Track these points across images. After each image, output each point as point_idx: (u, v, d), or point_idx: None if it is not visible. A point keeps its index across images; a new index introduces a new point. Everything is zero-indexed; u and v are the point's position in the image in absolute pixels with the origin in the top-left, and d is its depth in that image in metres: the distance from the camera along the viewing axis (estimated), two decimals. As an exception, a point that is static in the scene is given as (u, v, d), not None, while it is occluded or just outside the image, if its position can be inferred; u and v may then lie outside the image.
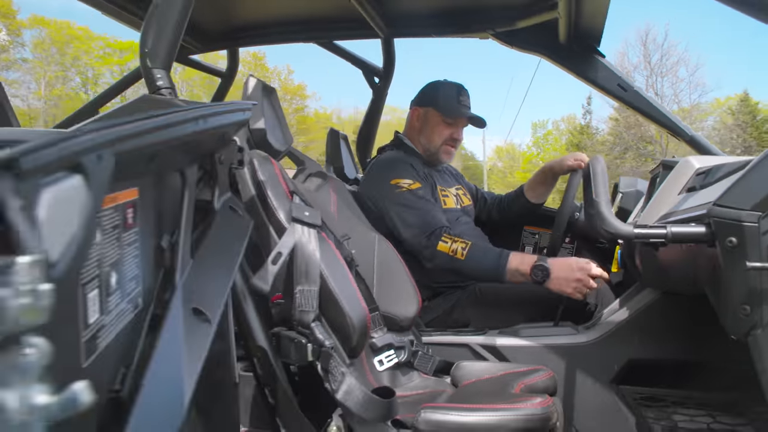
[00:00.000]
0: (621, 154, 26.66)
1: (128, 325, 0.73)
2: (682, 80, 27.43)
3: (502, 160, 40.46)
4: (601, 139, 29.73)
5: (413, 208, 1.98)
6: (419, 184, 2.04)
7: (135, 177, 0.75)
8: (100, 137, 0.51)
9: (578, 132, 31.25)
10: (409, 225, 1.96)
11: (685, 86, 27.45)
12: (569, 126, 34.30)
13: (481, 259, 1.87)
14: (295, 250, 1.28)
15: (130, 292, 0.74)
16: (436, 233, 1.92)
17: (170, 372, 0.74)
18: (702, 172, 1.42)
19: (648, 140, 26.36)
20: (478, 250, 1.88)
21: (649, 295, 1.66)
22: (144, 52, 1.21)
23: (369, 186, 2.12)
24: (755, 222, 1.05)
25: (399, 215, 1.98)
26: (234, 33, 2.62)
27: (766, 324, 1.06)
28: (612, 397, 1.65)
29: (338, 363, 1.19)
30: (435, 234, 1.92)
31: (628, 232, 1.21)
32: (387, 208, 2.01)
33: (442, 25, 2.38)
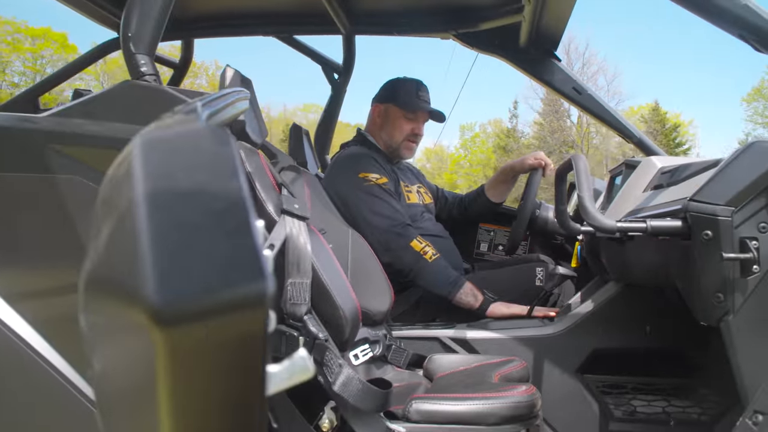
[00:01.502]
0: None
1: None
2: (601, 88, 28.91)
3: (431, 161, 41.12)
4: (526, 142, 30.81)
5: (383, 199, 2.00)
6: (386, 179, 2.06)
7: None
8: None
9: (505, 135, 32.25)
10: (380, 214, 1.97)
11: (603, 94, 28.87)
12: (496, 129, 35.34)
13: (444, 268, 1.93)
14: (286, 242, 1.26)
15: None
16: (409, 228, 1.95)
17: None
18: (667, 171, 1.51)
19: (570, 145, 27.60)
20: (444, 261, 1.95)
21: (613, 288, 1.75)
22: (127, 36, 1.16)
23: (334, 179, 2.11)
24: (729, 216, 1.13)
25: (368, 205, 1.98)
26: (190, 23, 2.53)
27: (737, 310, 1.14)
28: (577, 386, 1.73)
29: (335, 355, 1.18)
30: (409, 229, 1.95)
31: (611, 225, 1.27)
32: (355, 199, 2.01)
33: (405, 23, 2.40)
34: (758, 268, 1.13)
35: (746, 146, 1.18)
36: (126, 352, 0.30)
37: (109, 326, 0.30)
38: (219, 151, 0.29)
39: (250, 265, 0.27)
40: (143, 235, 0.25)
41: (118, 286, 0.27)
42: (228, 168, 0.28)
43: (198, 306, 0.25)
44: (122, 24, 1.17)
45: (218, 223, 0.26)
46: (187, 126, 0.31)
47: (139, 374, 0.27)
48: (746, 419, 1.06)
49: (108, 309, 0.28)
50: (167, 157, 0.27)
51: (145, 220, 0.25)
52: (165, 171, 0.27)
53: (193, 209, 0.26)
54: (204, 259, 0.26)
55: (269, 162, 1.44)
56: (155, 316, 0.24)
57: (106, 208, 0.31)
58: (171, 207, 0.26)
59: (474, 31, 2.29)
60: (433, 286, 1.92)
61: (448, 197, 2.55)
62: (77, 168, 1.02)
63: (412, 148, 2.30)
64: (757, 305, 1.14)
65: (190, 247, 0.25)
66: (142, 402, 0.27)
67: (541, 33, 2.13)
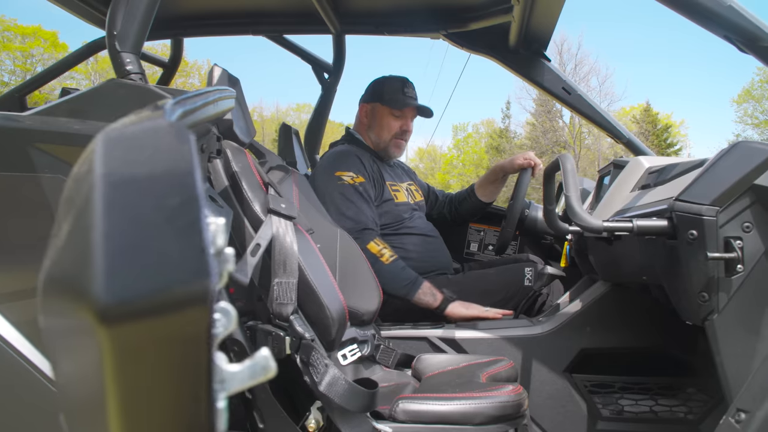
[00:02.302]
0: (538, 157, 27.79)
1: None
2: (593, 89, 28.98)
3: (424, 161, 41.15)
4: (518, 142, 30.90)
5: (350, 201, 2.00)
6: (362, 179, 2.06)
7: None
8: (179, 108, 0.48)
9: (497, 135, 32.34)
10: (345, 216, 1.97)
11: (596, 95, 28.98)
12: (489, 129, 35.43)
13: (401, 269, 1.94)
14: (272, 242, 1.26)
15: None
16: (367, 232, 1.96)
17: None
18: (654, 171, 1.51)
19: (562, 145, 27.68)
20: (401, 263, 1.96)
21: (600, 287, 1.75)
22: (112, 34, 1.15)
23: (316, 177, 2.12)
24: (713, 216, 1.14)
25: (337, 206, 1.99)
26: (180, 21, 2.51)
27: (722, 309, 1.15)
28: (565, 385, 1.73)
29: (321, 355, 1.18)
30: (366, 232, 1.96)
31: (598, 225, 1.27)
32: (329, 197, 2.01)
33: (395, 23, 2.39)
34: (742, 268, 1.14)
35: (731, 146, 1.18)
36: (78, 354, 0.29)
37: (62, 328, 0.30)
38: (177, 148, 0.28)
39: (195, 264, 0.27)
40: (95, 232, 0.25)
41: (69, 284, 0.26)
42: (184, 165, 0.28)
43: (142, 304, 0.25)
44: (107, 22, 1.16)
45: (169, 220, 0.26)
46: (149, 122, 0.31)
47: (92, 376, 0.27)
48: (729, 417, 1.07)
49: (61, 309, 0.28)
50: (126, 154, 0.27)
51: (98, 217, 0.25)
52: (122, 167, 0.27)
53: (146, 206, 0.26)
54: (151, 256, 0.25)
55: (256, 161, 1.43)
56: (100, 314, 0.24)
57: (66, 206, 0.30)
58: (124, 204, 0.26)
59: (464, 31, 2.29)
60: (390, 287, 1.91)
61: (439, 196, 2.55)
62: (61, 167, 1.01)
63: (401, 145, 2.30)
64: (741, 304, 1.14)
65: (139, 245, 0.25)
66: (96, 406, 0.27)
67: (531, 33, 2.13)
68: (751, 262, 1.14)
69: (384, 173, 2.20)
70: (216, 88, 0.82)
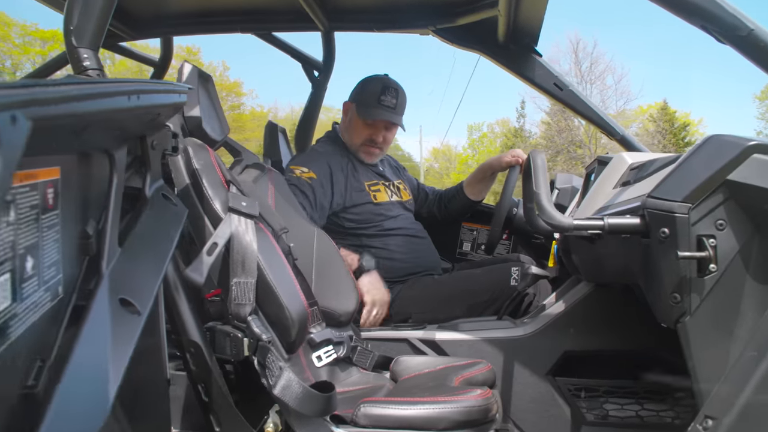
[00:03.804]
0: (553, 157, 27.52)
1: (46, 315, 0.67)
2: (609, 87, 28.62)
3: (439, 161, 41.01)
4: (533, 142, 30.60)
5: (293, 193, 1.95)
6: (313, 175, 2.02)
7: (57, 154, 0.69)
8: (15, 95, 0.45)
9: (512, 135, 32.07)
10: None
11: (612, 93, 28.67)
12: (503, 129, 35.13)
13: None
14: (231, 241, 1.23)
15: (49, 279, 0.68)
16: None
17: (93, 367, 0.69)
18: (635, 167, 1.46)
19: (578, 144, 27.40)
20: None
21: (584, 288, 1.70)
22: (69, 29, 1.13)
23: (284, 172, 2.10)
24: (685, 213, 1.09)
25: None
26: (168, 20, 2.50)
27: (694, 311, 1.10)
28: (548, 389, 1.68)
29: (276, 357, 1.15)
30: None
31: (568, 223, 1.23)
32: None
33: (383, 20, 2.36)
34: (715, 267, 1.08)
35: (704, 140, 1.13)
36: None
37: None
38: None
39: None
40: None
41: None
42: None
43: None
44: (64, 17, 1.14)
45: None
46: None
47: None
48: (697, 425, 1.02)
49: None
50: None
51: None
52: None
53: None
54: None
55: (220, 159, 1.41)
56: None
57: None
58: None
59: (452, 26, 2.25)
60: None
61: (429, 194, 2.49)
62: None
63: (373, 153, 2.21)
64: (714, 306, 1.09)
65: None
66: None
67: (519, 27, 2.09)
68: (725, 261, 1.09)
69: (362, 173, 2.16)
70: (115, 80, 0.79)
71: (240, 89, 32.03)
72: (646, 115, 29.89)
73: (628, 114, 29.42)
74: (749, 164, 1.06)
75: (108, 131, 0.81)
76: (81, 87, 0.60)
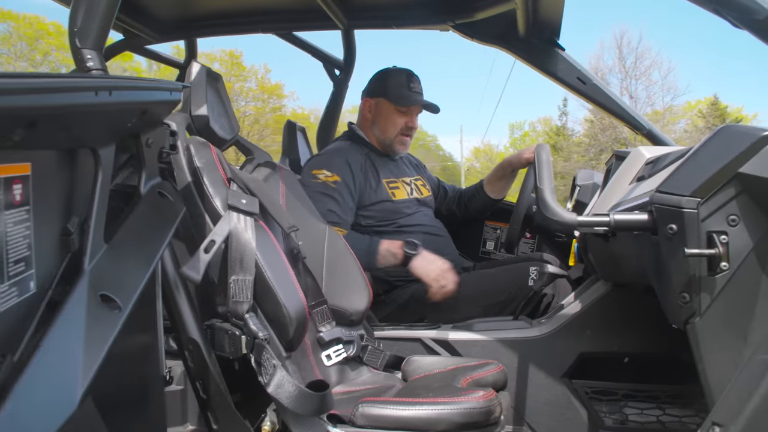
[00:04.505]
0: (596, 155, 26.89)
1: (12, 311, 0.68)
2: (655, 83, 27.77)
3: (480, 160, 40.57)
4: (576, 140, 30.00)
5: (318, 201, 1.95)
6: (338, 178, 2.02)
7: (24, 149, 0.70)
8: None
9: (554, 133, 31.51)
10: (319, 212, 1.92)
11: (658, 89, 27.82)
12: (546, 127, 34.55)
13: (353, 240, 1.88)
14: (230, 238, 1.23)
15: (16, 275, 0.68)
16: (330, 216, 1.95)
17: (59, 364, 0.69)
18: (650, 161, 1.40)
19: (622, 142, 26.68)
20: (353, 234, 1.95)
21: (601, 287, 1.64)
22: (73, 31, 1.15)
23: (302, 176, 2.10)
24: (694, 208, 1.03)
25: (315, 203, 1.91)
26: (191, 22, 2.54)
27: (704, 312, 1.04)
28: (564, 391, 1.63)
29: (270, 355, 1.14)
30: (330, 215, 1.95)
31: (572, 219, 1.18)
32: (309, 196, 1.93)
33: (401, 16, 2.34)
34: (727, 266, 1.02)
35: (715, 131, 1.07)
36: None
37: None
38: None
39: None
40: None
41: None
42: None
43: None
44: (69, 18, 1.16)
45: None
46: None
47: None
48: (703, 432, 0.96)
49: None
50: None
51: None
52: None
53: None
54: None
55: (222, 156, 1.41)
56: None
57: None
58: None
59: (471, 21, 2.21)
60: None
61: (449, 191, 2.46)
62: None
63: (406, 142, 2.24)
64: (725, 306, 1.03)
65: None
66: None
67: (539, 20, 2.03)
68: (738, 259, 1.02)
69: (380, 170, 2.15)
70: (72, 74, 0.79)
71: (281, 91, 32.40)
72: (695, 110, 28.88)
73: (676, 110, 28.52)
74: (763, 156, 1.00)
75: (84, 127, 0.81)
76: (32, 81, 0.61)
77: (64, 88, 0.67)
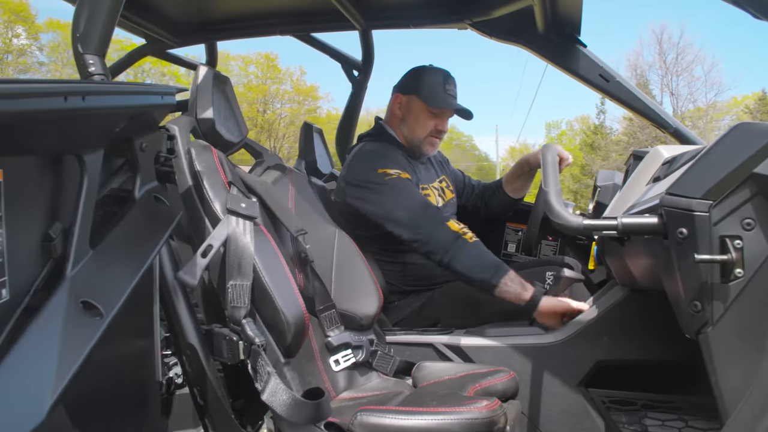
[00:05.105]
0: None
1: None
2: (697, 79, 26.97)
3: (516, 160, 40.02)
4: (615, 139, 29.35)
5: (409, 191, 1.84)
6: (408, 175, 1.91)
7: None
8: None
9: (592, 132, 30.91)
10: (406, 206, 1.80)
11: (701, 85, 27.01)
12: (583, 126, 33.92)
13: (486, 251, 1.75)
14: (228, 242, 1.22)
15: (-15, 281, 0.68)
16: (442, 212, 1.83)
17: (30, 371, 0.68)
18: (667, 161, 1.33)
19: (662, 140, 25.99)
20: (483, 246, 1.76)
21: (619, 292, 1.58)
22: (76, 36, 1.16)
23: (353, 176, 1.94)
24: (706, 211, 0.97)
25: (393, 199, 1.82)
26: (210, 26, 2.56)
27: (717, 321, 0.98)
28: (580, 400, 1.57)
29: (265, 362, 1.13)
30: (439, 212, 1.83)
31: (578, 223, 1.13)
32: (377, 196, 1.84)
33: (419, 16, 2.31)
34: (742, 272, 0.96)
35: (730, 129, 1.00)
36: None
37: None
38: None
39: None
40: None
41: None
42: None
43: None
44: (72, 23, 1.17)
45: None
46: None
47: None
48: (712, 451, 0.90)
49: None
50: None
51: None
52: None
53: None
54: None
55: (225, 160, 1.40)
56: None
57: None
58: None
59: (489, 19, 2.16)
60: (474, 268, 1.70)
61: (475, 187, 2.37)
62: None
63: (436, 144, 2.11)
64: (740, 316, 0.96)
65: None
66: None
67: (558, 16, 1.98)
68: (754, 265, 0.95)
69: (416, 174, 2.03)
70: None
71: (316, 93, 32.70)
72: (741, 106, 27.93)
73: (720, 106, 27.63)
74: None
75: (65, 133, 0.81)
76: None
77: (26, 94, 0.66)
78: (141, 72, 28.62)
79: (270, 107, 31.17)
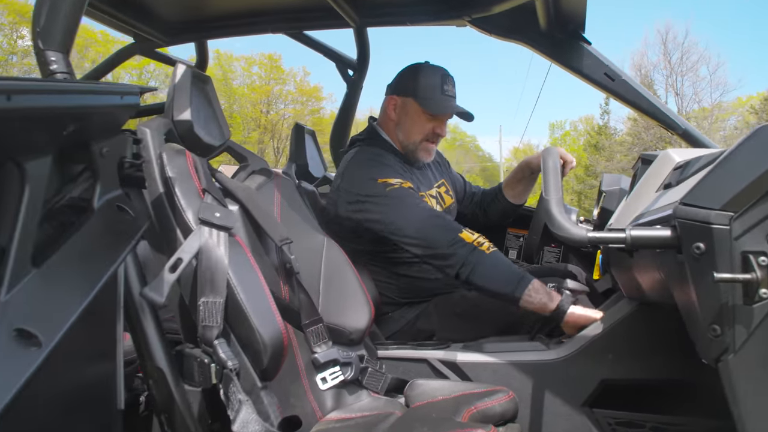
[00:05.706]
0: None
1: None
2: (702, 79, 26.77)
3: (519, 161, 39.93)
4: (619, 139, 29.15)
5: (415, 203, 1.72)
6: (410, 184, 1.78)
7: None
8: None
9: (596, 132, 30.72)
10: (413, 221, 1.67)
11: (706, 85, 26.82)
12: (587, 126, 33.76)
13: (505, 262, 1.62)
14: (200, 255, 1.12)
15: None
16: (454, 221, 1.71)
17: None
18: (679, 166, 1.23)
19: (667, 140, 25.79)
20: (502, 255, 1.64)
21: (626, 306, 1.47)
22: (36, 31, 1.06)
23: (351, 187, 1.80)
24: (726, 224, 0.87)
25: (398, 212, 1.69)
26: (201, 25, 2.47)
27: (739, 348, 0.87)
28: (584, 422, 1.46)
29: (237, 389, 1.03)
30: (453, 222, 1.71)
31: (581, 236, 1.03)
32: (379, 206, 1.72)
33: (415, 12, 2.20)
34: (767, 293, 0.85)
35: (751, 133, 0.90)
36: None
37: None
38: None
39: None
40: None
41: None
42: None
43: None
44: (32, 18, 1.08)
45: None
46: None
47: None
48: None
49: None
50: None
51: None
52: None
53: None
54: None
55: (200, 164, 1.30)
56: None
57: None
58: None
59: (488, 15, 2.06)
60: (494, 281, 1.58)
61: (476, 194, 2.25)
62: None
63: (431, 149, 1.98)
64: (764, 342, 0.86)
65: None
66: None
67: (561, 12, 1.87)
68: None
69: (413, 180, 1.89)
70: None
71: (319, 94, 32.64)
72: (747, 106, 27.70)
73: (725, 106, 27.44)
74: None
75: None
76: None
77: None
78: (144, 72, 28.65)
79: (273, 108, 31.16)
